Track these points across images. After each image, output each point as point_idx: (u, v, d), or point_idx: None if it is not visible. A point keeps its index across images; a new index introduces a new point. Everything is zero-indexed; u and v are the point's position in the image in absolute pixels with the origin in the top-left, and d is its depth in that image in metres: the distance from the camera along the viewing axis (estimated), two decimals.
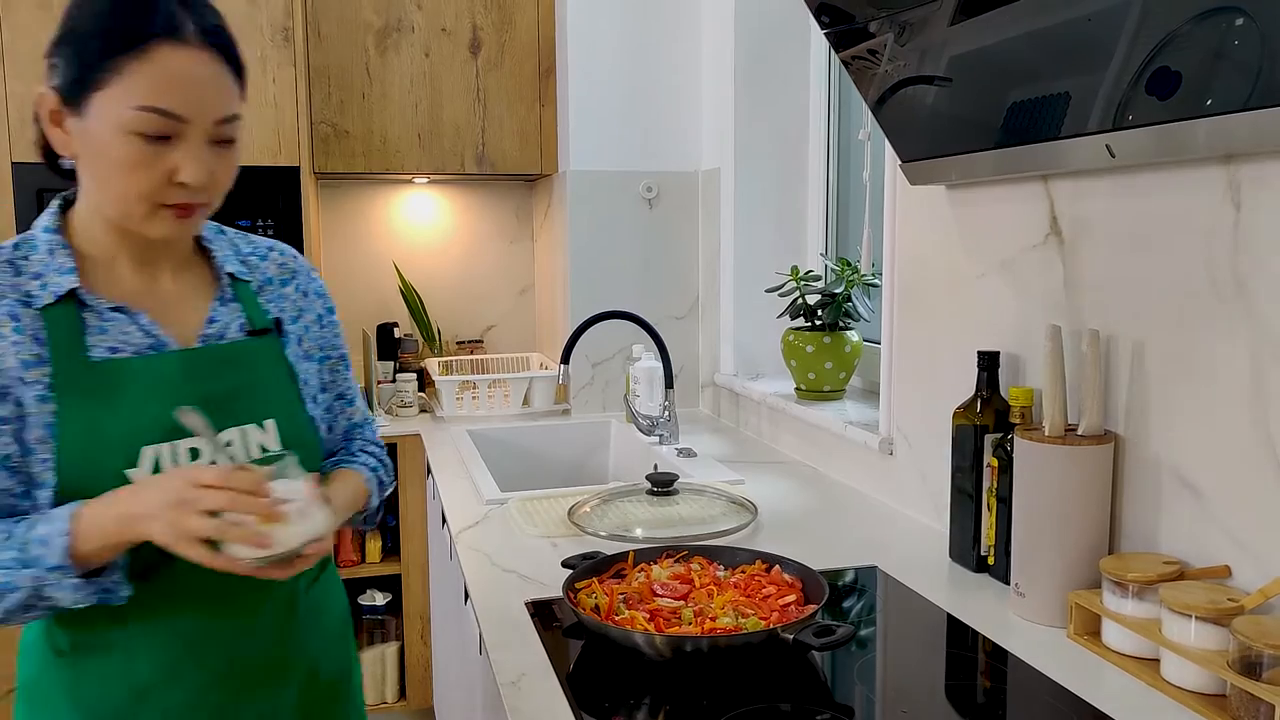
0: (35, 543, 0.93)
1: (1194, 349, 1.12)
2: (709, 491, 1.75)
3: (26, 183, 2.35)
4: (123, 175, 0.96)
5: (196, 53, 0.96)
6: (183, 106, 0.95)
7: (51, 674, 1.04)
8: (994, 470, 1.34)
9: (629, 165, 2.66)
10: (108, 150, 0.95)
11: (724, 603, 1.16)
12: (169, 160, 0.97)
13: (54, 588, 0.94)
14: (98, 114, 0.95)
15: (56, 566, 0.93)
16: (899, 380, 1.73)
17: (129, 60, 0.93)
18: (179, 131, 0.96)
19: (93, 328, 1.01)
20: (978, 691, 1.07)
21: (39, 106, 1.00)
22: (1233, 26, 0.92)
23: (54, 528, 0.93)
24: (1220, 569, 1.08)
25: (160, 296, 1.08)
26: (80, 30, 0.96)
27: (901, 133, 1.51)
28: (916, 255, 1.67)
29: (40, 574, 0.93)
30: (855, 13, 1.40)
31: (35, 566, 0.93)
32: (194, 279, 1.12)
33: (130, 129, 0.94)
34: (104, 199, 1.00)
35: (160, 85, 0.94)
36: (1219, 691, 0.99)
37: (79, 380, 0.99)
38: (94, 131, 0.96)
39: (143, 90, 0.94)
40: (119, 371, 1.01)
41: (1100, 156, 1.13)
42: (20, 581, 0.93)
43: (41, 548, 0.93)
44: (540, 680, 1.09)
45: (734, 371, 2.50)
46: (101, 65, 0.94)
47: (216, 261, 1.13)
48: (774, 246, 2.48)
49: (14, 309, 0.99)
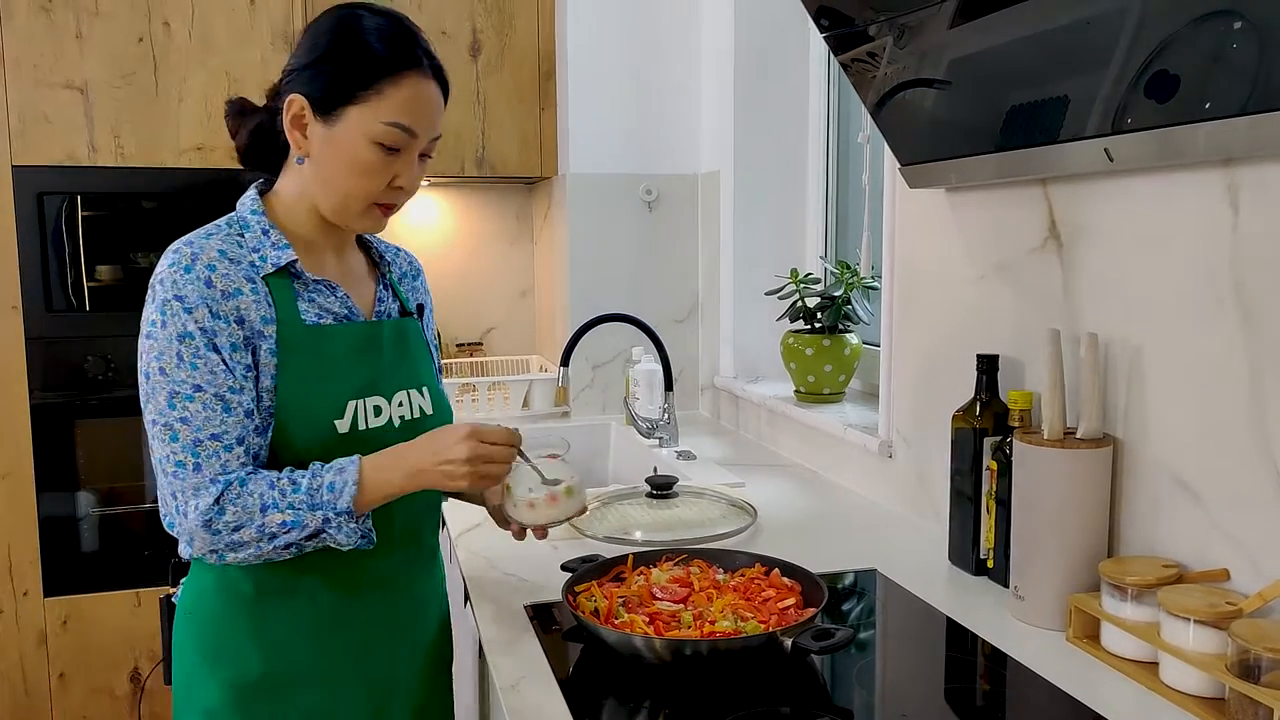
0: (325, 489, 1.09)
1: (1193, 352, 1.12)
2: (708, 494, 1.75)
3: (26, 184, 2.35)
4: (356, 176, 1.14)
5: (432, 83, 1.16)
6: (418, 125, 1.14)
7: (235, 617, 1.16)
8: (993, 473, 1.34)
9: (629, 168, 2.66)
10: (351, 154, 1.13)
11: (723, 606, 1.16)
12: (393, 168, 1.15)
13: (334, 530, 1.10)
14: (350, 124, 1.12)
15: (342, 512, 1.09)
16: (898, 383, 1.73)
17: (387, 83, 1.12)
18: (407, 145, 1.15)
19: (302, 296, 1.18)
20: (977, 695, 1.08)
21: (287, 110, 1.14)
22: (1231, 30, 0.92)
23: (343, 478, 1.10)
24: (1219, 572, 1.08)
25: (346, 276, 1.26)
26: (347, 52, 1.12)
27: (901, 136, 1.51)
28: (916, 258, 1.67)
29: (327, 516, 1.09)
30: (855, 16, 1.40)
31: (323, 509, 1.09)
32: (359, 264, 1.30)
33: (376, 139, 1.12)
34: (327, 193, 1.16)
35: (407, 106, 1.13)
36: (1218, 695, 0.99)
37: (298, 340, 1.15)
38: (341, 138, 1.13)
39: (393, 109, 1.12)
40: (327, 335, 1.18)
41: (1099, 160, 1.13)
42: (309, 522, 1.09)
43: (330, 494, 1.09)
44: (539, 683, 1.09)
45: (733, 374, 2.50)
46: (364, 84, 1.11)
47: (377, 250, 1.33)
48: (773, 249, 2.49)
49: (250, 272, 1.14)
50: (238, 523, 1.07)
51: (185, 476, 1.08)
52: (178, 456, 1.08)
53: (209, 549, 1.09)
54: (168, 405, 1.08)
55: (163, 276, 1.11)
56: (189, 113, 2.42)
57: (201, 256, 1.11)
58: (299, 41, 1.18)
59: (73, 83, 2.35)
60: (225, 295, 1.11)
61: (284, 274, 1.16)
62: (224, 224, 1.18)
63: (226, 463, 1.09)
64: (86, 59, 2.36)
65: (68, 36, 2.34)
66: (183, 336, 1.08)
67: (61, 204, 2.38)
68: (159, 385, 1.09)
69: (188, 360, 1.08)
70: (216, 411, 1.09)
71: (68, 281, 2.40)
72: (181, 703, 1.21)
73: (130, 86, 2.38)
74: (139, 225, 2.44)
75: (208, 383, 1.08)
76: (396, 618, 1.25)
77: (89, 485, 2.48)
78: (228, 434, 1.09)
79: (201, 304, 1.09)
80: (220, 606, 1.17)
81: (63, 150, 2.36)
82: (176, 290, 1.09)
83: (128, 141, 2.40)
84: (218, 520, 1.07)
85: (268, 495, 1.08)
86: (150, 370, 1.09)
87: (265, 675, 1.16)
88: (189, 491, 1.08)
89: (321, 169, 1.15)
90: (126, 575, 2.49)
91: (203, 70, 2.41)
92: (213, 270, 1.11)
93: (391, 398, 1.21)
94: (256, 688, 1.16)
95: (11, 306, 2.36)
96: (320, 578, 1.17)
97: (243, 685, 1.16)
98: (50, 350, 2.41)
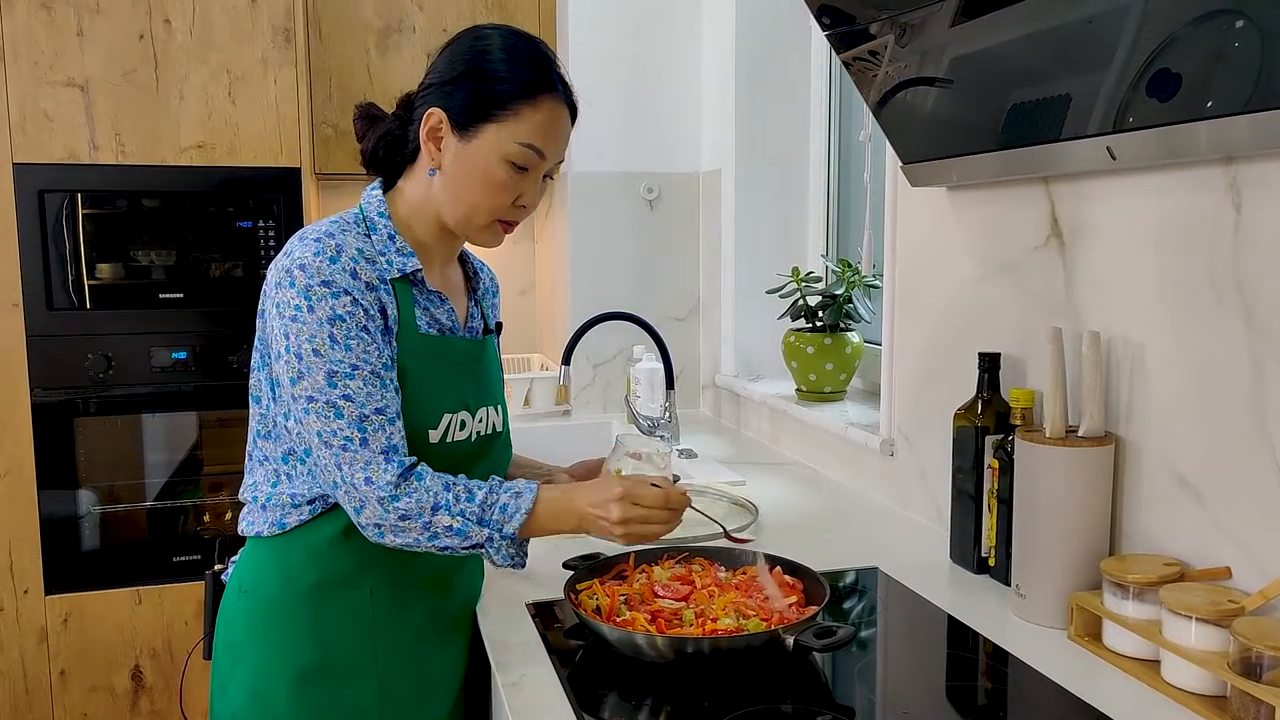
0: (498, 508, 1.14)
1: (1195, 351, 1.12)
2: (710, 492, 1.75)
3: (27, 182, 2.35)
4: (486, 192, 1.17)
5: (564, 108, 1.20)
6: (548, 148, 1.18)
7: (294, 603, 1.19)
8: (995, 472, 1.34)
9: (630, 166, 2.66)
10: (484, 170, 1.16)
11: (725, 604, 1.16)
12: (520, 187, 1.19)
13: (494, 549, 1.14)
14: (486, 140, 1.16)
15: (507, 536, 1.14)
16: (900, 381, 1.73)
17: (525, 105, 1.15)
18: (536, 166, 1.18)
19: (419, 303, 1.21)
20: (978, 693, 1.08)
21: (425, 122, 1.18)
22: (1233, 29, 0.92)
23: (519, 504, 1.14)
24: (1221, 570, 1.08)
25: (449, 287, 1.29)
26: (489, 72, 1.16)
27: (902, 134, 1.51)
28: (917, 257, 1.67)
29: (491, 535, 1.14)
30: (856, 14, 1.40)
31: (489, 527, 1.13)
32: (458, 277, 1.33)
33: (509, 158, 1.16)
34: (454, 205, 1.19)
35: (541, 129, 1.17)
36: (1219, 693, 0.99)
37: (413, 347, 1.18)
38: (476, 153, 1.16)
39: (528, 130, 1.16)
40: (434, 345, 1.21)
41: (1101, 158, 1.13)
42: (473, 534, 1.13)
43: (502, 514, 1.14)
44: (542, 681, 1.09)
45: (735, 373, 2.50)
46: (503, 104, 1.15)
47: (472, 266, 1.37)
48: (775, 248, 2.48)
49: (382, 273, 1.17)
50: (408, 512, 1.11)
51: (354, 450, 1.11)
52: (345, 432, 1.11)
53: (374, 523, 1.12)
54: (327, 384, 1.11)
55: (304, 263, 1.12)
56: (190, 110, 2.42)
57: (346, 250, 1.14)
58: (437, 56, 1.21)
59: (73, 80, 2.35)
60: (369, 287, 1.14)
61: (406, 280, 1.19)
62: (351, 221, 1.20)
63: (391, 435, 1.12)
64: (87, 56, 2.35)
65: (68, 34, 2.34)
66: (334, 319, 1.11)
67: (62, 202, 2.38)
68: (314, 365, 1.11)
69: (341, 341, 1.11)
70: (376, 387, 1.12)
71: (68, 279, 2.39)
72: (224, 678, 1.23)
73: (131, 84, 2.38)
74: (140, 223, 2.44)
75: (364, 361, 1.12)
76: (446, 615, 1.28)
77: (90, 483, 2.47)
78: (389, 408, 1.13)
79: (350, 290, 1.12)
80: (279, 590, 1.19)
81: (63, 148, 2.36)
82: (323, 276, 1.11)
83: (128, 139, 2.40)
84: (392, 503, 1.11)
85: (441, 496, 1.12)
86: (302, 351, 1.11)
87: (318, 663, 1.18)
88: (358, 465, 1.11)
89: (452, 181, 1.19)
90: (127, 573, 2.49)
91: (204, 68, 2.41)
92: (356, 264, 1.14)
93: (475, 414, 1.25)
94: (308, 675, 1.18)
95: (12, 304, 2.36)
96: (379, 574, 1.21)
97: (296, 671, 1.18)
98: (51, 348, 2.40)
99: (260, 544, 1.22)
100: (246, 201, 2.48)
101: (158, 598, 2.48)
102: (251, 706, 1.19)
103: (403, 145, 1.23)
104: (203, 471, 2.55)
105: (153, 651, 2.52)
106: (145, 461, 2.52)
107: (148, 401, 2.49)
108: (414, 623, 1.24)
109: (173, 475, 2.53)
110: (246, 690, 1.20)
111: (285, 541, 1.19)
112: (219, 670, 1.24)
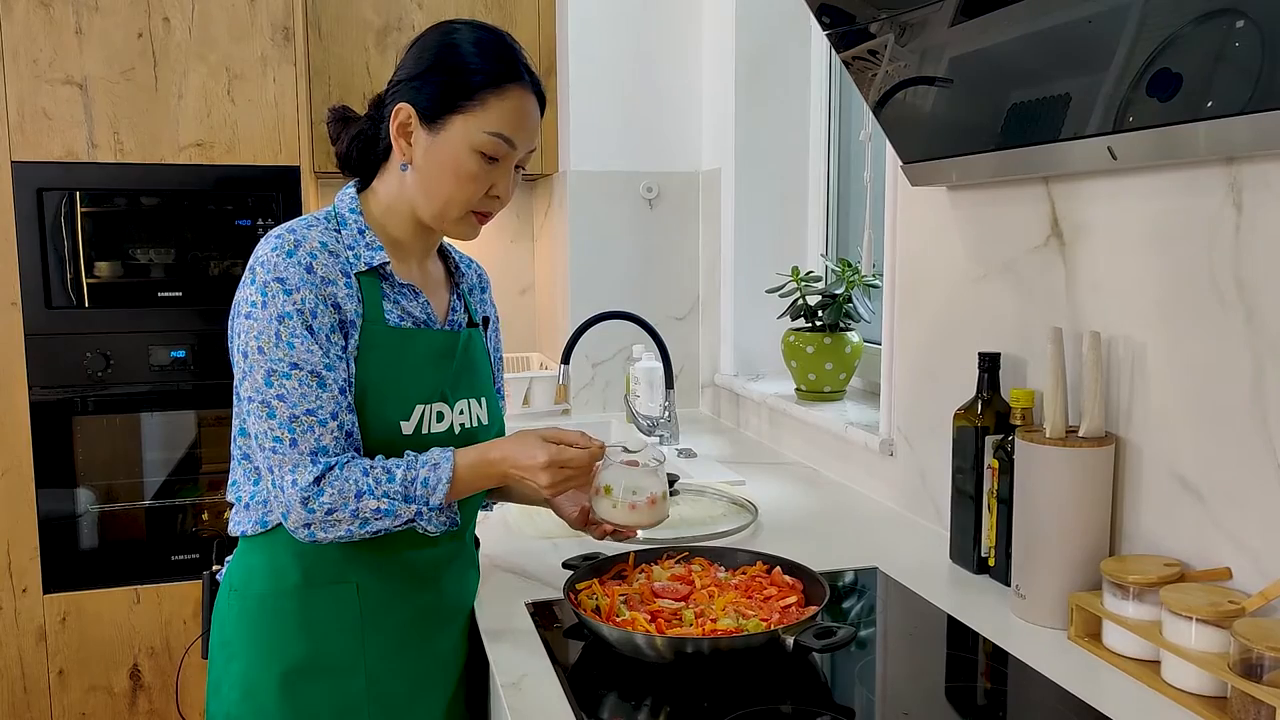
0: (419, 484, 1.14)
1: (1195, 351, 1.12)
2: (709, 492, 1.75)
3: (26, 180, 2.35)
4: (458, 184, 1.18)
5: (531, 97, 1.20)
6: (517, 136, 1.18)
7: (282, 600, 1.19)
8: (994, 472, 1.34)
9: (630, 165, 2.66)
10: (454, 162, 1.17)
11: (725, 604, 1.16)
12: (491, 177, 1.19)
13: (425, 521, 1.16)
14: (454, 132, 1.16)
15: (435, 508, 1.15)
16: (900, 381, 1.73)
17: (491, 95, 1.16)
18: (506, 155, 1.19)
19: (388, 297, 1.21)
20: (978, 693, 1.07)
21: (394, 118, 1.19)
22: (1233, 29, 0.92)
23: (439, 475, 1.14)
24: (1221, 571, 1.08)
25: (427, 281, 1.29)
26: (455, 65, 1.17)
27: (902, 134, 1.51)
28: (917, 256, 1.66)
29: (420, 509, 1.14)
30: (856, 13, 1.40)
31: (416, 503, 1.14)
32: (439, 271, 1.33)
33: (479, 148, 1.16)
34: (428, 199, 1.20)
35: (509, 118, 1.17)
36: (1219, 694, 0.99)
37: (380, 339, 1.18)
38: (444, 146, 1.17)
39: (496, 119, 1.16)
40: (408, 338, 1.21)
41: (1101, 158, 1.13)
42: (401, 512, 1.14)
43: (424, 488, 1.14)
44: (541, 681, 1.09)
45: (734, 372, 2.50)
46: (470, 95, 1.16)
47: (454, 260, 1.36)
48: (774, 247, 2.48)
49: (344, 267, 1.17)
50: (332, 505, 1.11)
51: (283, 452, 1.12)
52: (275, 432, 1.12)
53: (303, 524, 1.12)
54: (265, 383, 1.12)
55: (264, 259, 1.14)
56: (188, 109, 2.41)
57: (304, 244, 1.15)
58: (405, 55, 1.22)
59: (72, 78, 2.35)
60: (324, 282, 1.15)
61: (374, 274, 1.20)
62: (322, 217, 1.21)
63: (320, 437, 1.12)
64: (86, 55, 2.35)
65: (67, 32, 2.33)
66: (282, 317, 1.12)
67: (61, 200, 2.37)
68: (257, 363, 1.12)
69: (285, 340, 1.12)
70: (312, 388, 1.12)
71: (67, 278, 2.39)
72: (218, 677, 1.23)
73: (130, 82, 2.38)
74: (138, 222, 2.44)
75: (304, 360, 1.12)
76: (436, 611, 1.28)
77: (88, 482, 2.47)
78: (322, 409, 1.13)
79: (303, 287, 1.13)
80: (267, 588, 1.20)
81: (62, 146, 2.36)
82: (278, 273, 1.12)
83: (127, 138, 2.39)
84: (314, 500, 1.11)
85: (362, 482, 1.12)
86: (248, 349, 1.13)
87: (307, 660, 1.19)
88: (286, 466, 1.12)
89: (424, 175, 1.19)
90: (125, 572, 2.48)
91: (203, 66, 2.40)
92: (314, 258, 1.14)
93: (454, 405, 1.25)
94: (298, 671, 1.19)
95: (10, 303, 2.36)
96: (367, 570, 1.21)
97: (285, 668, 1.18)
98: (49, 347, 2.40)
99: (248, 543, 1.22)
100: (245, 200, 2.48)
101: (156, 597, 2.48)
102: (244, 704, 1.20)
103: (375, 144, 1.24)
104: (201, 470, 2.55)
105: (151, 650, 2.52)
106: (144, 460, 2.51)
107: (146, 400, 2.48)
108: (403, 619, 1.23)
109: (171, 474, 2.53)
110: (239, 688, 1.20)
111: (270, 539, 1.19)
112: (214, 669, 1.25)
